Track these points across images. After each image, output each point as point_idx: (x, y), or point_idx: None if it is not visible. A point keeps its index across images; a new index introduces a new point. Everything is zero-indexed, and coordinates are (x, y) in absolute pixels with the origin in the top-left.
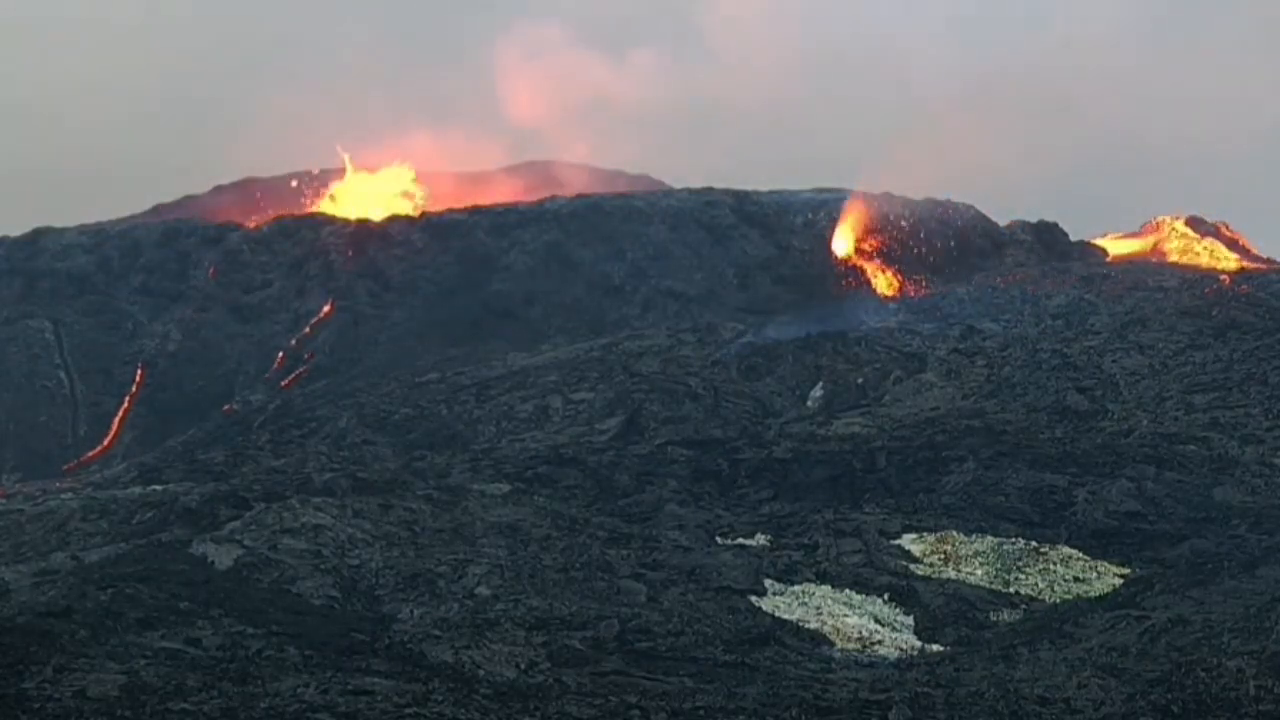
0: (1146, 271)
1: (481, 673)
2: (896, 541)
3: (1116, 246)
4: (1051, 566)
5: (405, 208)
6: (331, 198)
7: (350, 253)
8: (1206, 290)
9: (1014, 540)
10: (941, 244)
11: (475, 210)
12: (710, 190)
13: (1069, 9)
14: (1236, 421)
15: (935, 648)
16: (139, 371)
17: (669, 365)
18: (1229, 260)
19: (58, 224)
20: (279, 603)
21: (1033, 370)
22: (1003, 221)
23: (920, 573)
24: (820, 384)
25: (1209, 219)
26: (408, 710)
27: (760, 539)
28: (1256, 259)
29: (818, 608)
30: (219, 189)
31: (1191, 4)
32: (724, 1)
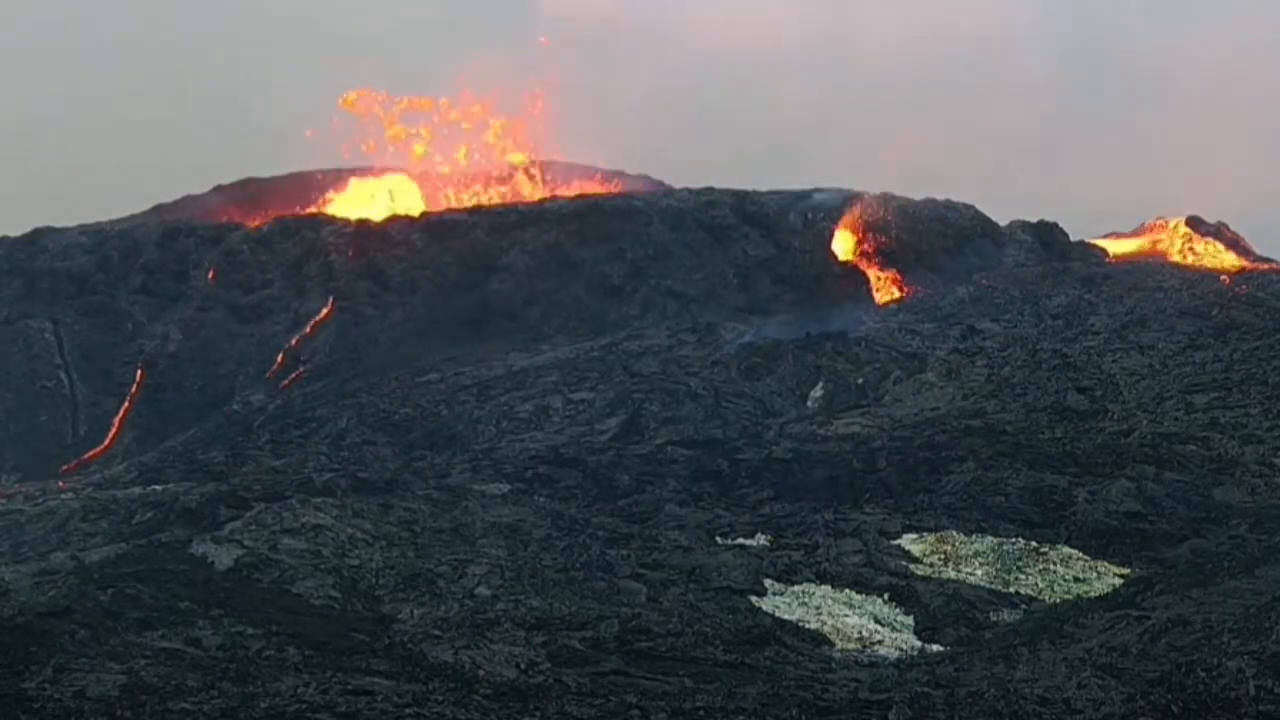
0: (1146, 271)
1: (481, 673)
2: (896, 541)
3: (1116, 246)
4: (1051, 566)
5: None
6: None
7: (350, 253)
8: (1206, 290)
9: (1014, 540)
10: (941, 244)
11: (475, 210)
12: (710, 190)
13: None
14: (1236, 421)
15: (935, 648)
16: (139, 371)
17: (669, 365)
18: (1229, 260)
19: (58, 224)
20: (279, 603)
21: (1033, 370)
22: (1003, 221)
23: (920, 573)
24: (820, 384)
25: (1209, 219)
26: (408, 710)
27: (760, 539)
28: (1257, 259)
29: (818, 608)
30: (219, 189)
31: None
32: None
